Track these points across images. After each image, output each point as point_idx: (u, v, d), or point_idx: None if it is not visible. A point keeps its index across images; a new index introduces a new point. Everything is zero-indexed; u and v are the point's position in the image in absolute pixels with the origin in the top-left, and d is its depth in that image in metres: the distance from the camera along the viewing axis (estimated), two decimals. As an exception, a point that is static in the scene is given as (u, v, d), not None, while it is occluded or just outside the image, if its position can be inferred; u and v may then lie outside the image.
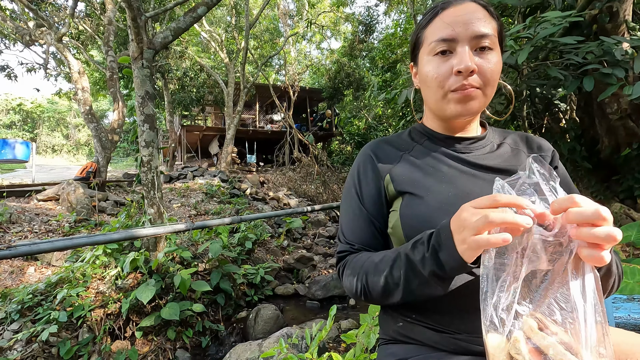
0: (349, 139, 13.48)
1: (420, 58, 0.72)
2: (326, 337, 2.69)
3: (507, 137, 0.78)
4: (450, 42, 0.64)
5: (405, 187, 0.68)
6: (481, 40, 0.63)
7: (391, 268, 0.60)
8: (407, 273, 0.57)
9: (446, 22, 0.64)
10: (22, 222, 4.71)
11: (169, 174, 9.36)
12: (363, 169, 0.77)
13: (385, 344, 0.73)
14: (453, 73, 0.64)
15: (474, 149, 0.73)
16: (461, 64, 0.62)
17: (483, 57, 0.64)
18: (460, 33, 0.63)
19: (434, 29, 0.67)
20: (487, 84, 0.65)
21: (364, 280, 0.65)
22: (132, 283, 3.12)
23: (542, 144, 0.77)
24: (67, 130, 30.44)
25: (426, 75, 0.68)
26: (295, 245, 6.12)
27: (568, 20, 2.35)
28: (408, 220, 0.65)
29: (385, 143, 0.79)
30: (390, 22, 18.68)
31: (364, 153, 0.79)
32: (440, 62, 0.66)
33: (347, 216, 0.78)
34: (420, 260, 0.54)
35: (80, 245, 2.20)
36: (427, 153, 0.74)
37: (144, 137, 3.26)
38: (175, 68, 11.88)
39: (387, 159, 0.75)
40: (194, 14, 3.43)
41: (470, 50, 0.63)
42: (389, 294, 0.61)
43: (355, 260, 0.70)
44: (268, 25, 15.86)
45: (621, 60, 2.40)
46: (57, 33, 6.64)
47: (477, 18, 0.63)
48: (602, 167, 4.03)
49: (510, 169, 0.69)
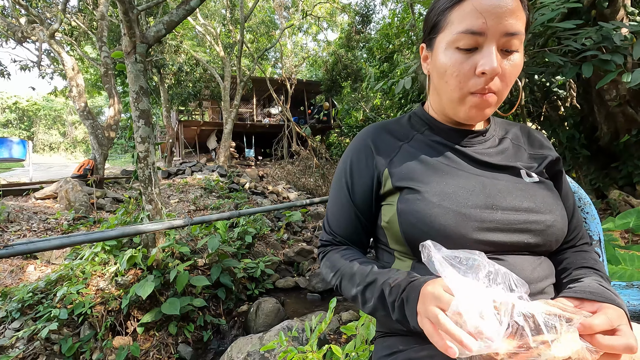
0: (347, 131, 13.43)
1: (437, 43, 0.64)
2: (327, 329, 2.71)
3: (510, 131, 0.75)
4: (479, 35, 0.57)
5: (404, 182, 0.66)
6: (511, 39, 0.57)
7: (364, 288, 0.62)
8: (376, 304, 0.60)
9: (478, 9, 0.56)
10: (20, 220, 4.70)
11: (167, 170, 9.33)
12: (357, 160, 0.74)
13: (382, 336, 0.72)
14: (476, 73, 0.58)
15: (475, 143, 0.70)
16: (487, 65, 0.57)
17: (508, 58, 0.59)
18: (491, 27, 0.56)
19: (463, 14, 0.58)
20: (505, 88, 0.61)
21: (338, 281, 0.69)
22: (132, 279, 3.13)
23: (544, 143, 0.75)
24: (64, 127, 30.31)
25: (445, 69, 0.62)
26: (295, 238, 6.13)
27: (566, 5, 2.31)
28: (406, 216, 0.63)
29: (384, 130, 0.75)
30: (387, 11, 18.48)
31: (362, 141, 0.75)
32: (463, 58, 0.59)
33: (334, 206, 0.77)
34: (391, 304, 0.57)
35: (77, 243, 2.19)
36: (427, 144, 0.71)
37: (139, 133, 3.23)
38: (171, 63, 11.76)
39: (385, 150, 0.72)
40: (187, 7, 3.38)
41: (497, 49, 0.58)
42: (359, 304, 0.65)
43: (334, 259, 0.73)
44: (264, 18, 15.69)
45: (620, 45, 2.37)
46: (49, 29, 6.56)
47: (512, 10, 0.56)
48: (602, 154, 4.02)
49: (510, 165, 0.67)
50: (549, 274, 0.63)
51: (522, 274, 0.58)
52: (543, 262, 0.63)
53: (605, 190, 3.94)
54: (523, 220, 0.60)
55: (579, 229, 0.71)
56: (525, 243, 0.60)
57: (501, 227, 0.59)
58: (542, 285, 0.61)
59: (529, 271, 0.60)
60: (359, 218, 0.73)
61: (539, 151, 0.72)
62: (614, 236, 2.41)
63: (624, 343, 0.44)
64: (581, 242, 0.71)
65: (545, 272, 0.62)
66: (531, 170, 0.68)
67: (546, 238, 0.61)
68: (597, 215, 0.80)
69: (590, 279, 0.58)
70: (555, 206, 0.63)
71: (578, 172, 4.21)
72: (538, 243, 0.61)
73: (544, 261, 0.64)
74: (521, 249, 0.61)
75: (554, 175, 0.72)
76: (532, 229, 0.60)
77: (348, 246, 0.76)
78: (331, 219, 0.77)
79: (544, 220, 0.61)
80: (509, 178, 0.65)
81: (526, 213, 0.60)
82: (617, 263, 1.88)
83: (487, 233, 0.58)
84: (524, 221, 0.60)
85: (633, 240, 2.77)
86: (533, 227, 0.60)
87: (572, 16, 3.12)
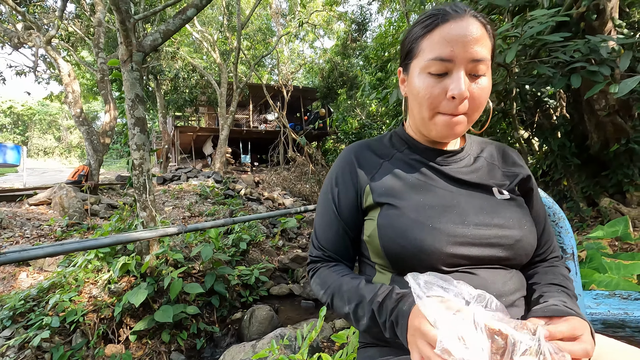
0: (343, 137, 13.50)
1: (412, 68, 0.70)
2: (320, 336, 2.70)
3: (485, 150, 0.79)
4: (448, 62, 0.62)
5: (384, 198, 0.69)
6: (477, 64, 0.62)
7: (357, 306, 0.64)
8: (369, 322, 0.62)
9: (446, 39, 0.62)
10: (13, 227, 4.66)
11: (162, 176, 9.31)
12: (342, 175, 0.77)
13: (364, 347, 0.75)
14: (446, 97, 0.63)
15: (451, 162, 0.74)
16: (456, 90, 0.61)
17: (476, 82, 0.64)
18: (459, 54, 0.61)
19: (432, 43, 0.64)
20: (474, 110, 0.65)
21: (329, 298, 0.70)
22: (125, 287, 3.11)
23: (517, 161, 0.79)
24: (59, 132, 30.15)
25: (417, 92, 0.67)
26: (290, 245, 6.13)
27: (555, 19, 2.37)
28: (385, 231, 0.66)
29: (367, 148, 0.79)
30: (383, 20, 18.69)
31: (346, 157, 0.79)
32: (434, 82, 0.64)
33: (322, 221, 0.78)
34: (382, 324, 0.59)
35: (71, 250, 2.18)
36: (406, 163, 0.75)
37: (134, 140, 3.24)
38: (168, 69, 11.80)
39: (368, 166, 0.76)
40: (184, 16, 3.41)
41: (465, 73, 0.63)
42: (350, 321, 0.66)
43: (325, 275, 0.74)
44: (260, 25, 15.81)
45: (607, 58, 2.43)
46: (45, 35, 6.57)
47: (476, 39, 0.62)
48: (592, 162, 4.07)
49: (484, 183, 0.71)
50: (520, 287, 0.67)
51: (493, 286, 0.61)
52: (514, 276, 0.66)
53: (596, 198, 3.99)
54: (494, 235, 0.63)
55: (549, 242, 0.75)
56: (496, 257, 0.63)
57: (473, 242, 0.62)
58: (512, 298, 0.64)
59: (500, 284, 0.63)
60: (346, 232, 0.75)
61: (511, 169, 0.76)
62: (603, 244, 2.45)
63: (582, 348, 0.50)
64: (552, 255, 0.75)
65: (516, 285, 0.66)
66: (503, 188, 0.71)
67: (516, 252, 0.65)
68: (571, 229, 0.83)
69: (555, 300, 0.61)
70: (524, 222, 0.67)
71: (569, 180, 4.26)
72: (508, 257, 0.64)
73: (515, 275, 0.67)
74: (493, 262, 0.64)
75: (526, 192, 0.76)
76: (502, 243, 0.64)
77: (337, 262, 0.77)
78: (320, 234, 0.78)
79: (513, 235, 0.64)
80: (482, 195, 0.69)
81: (496, 228, 0.64)
82: (605, 271, 1.91)
83: (460, 247, 0.62)
84: (494, 236, 0.63)
85: (622, 248, 2.81)
86: (503, 241, 0.64)
87: (561, 28, 3.19)
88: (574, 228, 3.92)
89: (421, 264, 0.62)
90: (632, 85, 1.98)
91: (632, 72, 2.79)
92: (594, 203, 4.05)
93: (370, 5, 14.35)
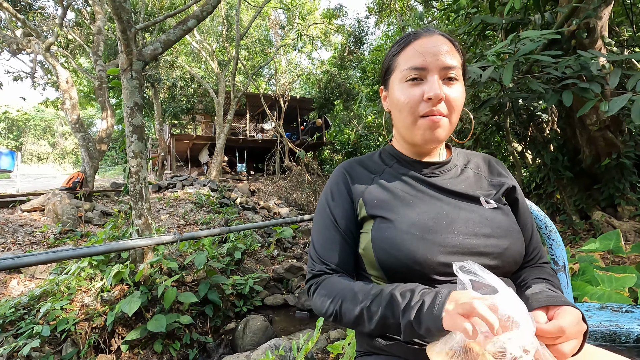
0: (339, 147, 13.57)
1: (391, 83, 0.76)
2: (315, 347, 2.69)
3: (471, 161, 0.83)
4: (422, 70, 0.69)
5: (377, 211, 0.72)
6: (449, 71, 0.69)
7: (371, 302, 0.63)
8: (384, 312, 0.60)
9: (418, 51, 0.70)
10: (5, 233, 4.61)
11: (157, 184, 9.27)
12: (337, 188, 0.80)
13: (361, 356, 0.76)
14: (424, 99, 0.69)
15: (439, 173, 0.77)
16: (431, 91, 0.67)
17: (450, 87, 0.70)
18: (431, 63, 0.69)
19: (407, 56, 0.72)
20: (452, 112, 0.70)
21: (338, 305, 0.68)
22: (118, 295, 3.08)
23: (502, 172, 0.82)
24: (54, 138, 29.96)
25: (398, 100, 0.73)
26: (285, 254, 6.10)
27: (547, 37, 2.45)
28: (379, 243, 0.68)
29: (358, 165, 0.83)
30: (380, 33, 19.00)
31: (338, 172, 0.83)
32: (411, 89, 0.70)
33: (321, 237, 0.79)
34: (405, 306, 0.58)
35: (64, 258, 2.17)
36: (396, 177, 0.78)
37: (132, 147, 3.25)
38: (165, 78, 11.86)
39: (360, 181, 0.79)
40: (184, 27, 3.46)
41: (439, 79, 0.69)
42: (359, 323, 0.64)
43: (332, 283, 0.72)
44: (259, 36, 15.99)
45: (597, 75, 2.50)
46: (45, 42, 6.60)
47: (445, 51, 0.69)
48: (584, 176, 4.14)
49: (471, 194, 0.74)
50: None
51: None
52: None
53: (589, 211, 4.04)
54: (482, 245, 0.66)
55: (537, 249, 0.78)
56: (486, 266, 0.65)
57: (462, 251, 0.65)
58: None
59: None
60: (347, 242, 0.76)
61: (497, 179, 0.80)
62: (595, 257, 2.48)
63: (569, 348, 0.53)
64: (540, 261, 0.78)
65: None
66: (490, 197, 0.75)
67: (504, 260, 0.67)
68: (562, 242, 0.86)
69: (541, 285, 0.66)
70: (511, 230, 0.70)
71: (562, 193, 4.32)
72: (497, 265, 0.67)
73: (505, 282, 0.68)
74: None
75: (512, 201, 0.80)
76: (491, 252, 0.66)
77: (342, 274, 0.77)
78: (320, 249, 0.78)
79: (500, 244, 0.67)
80: (470, 205, 0.72)
81: (484, 238, 0.67)
82: (597, 284, 1.94)
83: (450, 256, 0.64)
84: (483, 245, 0.66)
85: (614, 261, 2.84)
86: (491, 250, 0.66)
87: (553, 45, 3.28)
88: (567, 241, 3.96)
89: (415, 274, 0.64)
90: (622, 103, 2.04)
91: (621, 89, 2.86)
92: (586, 216, 4.10)
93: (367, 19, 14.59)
